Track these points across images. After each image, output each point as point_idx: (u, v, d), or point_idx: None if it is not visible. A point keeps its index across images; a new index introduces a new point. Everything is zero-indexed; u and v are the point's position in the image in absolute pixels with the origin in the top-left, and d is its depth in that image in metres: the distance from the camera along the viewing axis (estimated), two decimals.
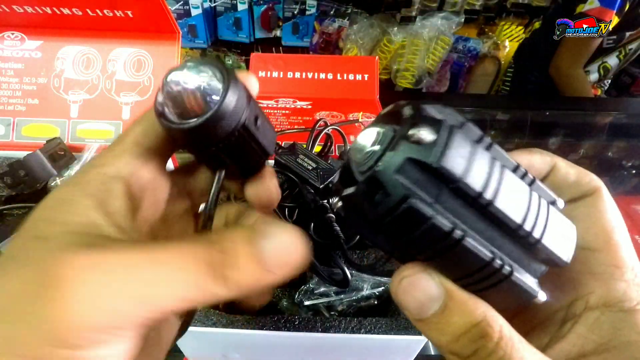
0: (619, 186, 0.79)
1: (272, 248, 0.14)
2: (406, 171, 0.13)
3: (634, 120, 1.01)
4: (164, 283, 0.13)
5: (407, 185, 0.13)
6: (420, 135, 0.13)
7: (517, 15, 1.57)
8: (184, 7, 1.52)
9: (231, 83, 0.18)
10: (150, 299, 0.13)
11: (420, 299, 0.14)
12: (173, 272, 0.13)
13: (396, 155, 0.13)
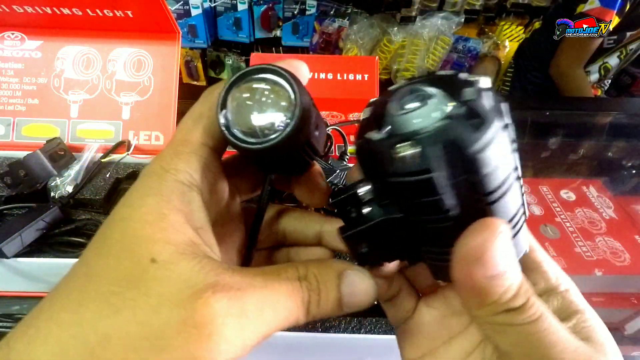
0: (619, 186, 0.79)
1: (353, 295, 0.18)
2: (447, 146, 0.13)
3: (634, 120, 1.01)
4: (274, 322, 0.16)
5: (440, 158, 0.13)
6: (474, 122, 0.14)
7: (517, 15, 1.57)
8: (184, 7, 1.52)
9: (301, 98, 0.17)
10: (262, 337, 0.16)
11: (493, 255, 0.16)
12: (280, 310, 0.16)
13: (447, 129, 0.14)
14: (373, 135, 0.15)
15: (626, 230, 0.63)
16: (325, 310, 0.17)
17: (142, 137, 0.55)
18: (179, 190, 0.16)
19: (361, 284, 0.18)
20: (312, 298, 0.17)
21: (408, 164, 0.14)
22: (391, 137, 0.15)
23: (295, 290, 0.16)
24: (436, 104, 0.15)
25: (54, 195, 0.47)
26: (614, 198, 0.69)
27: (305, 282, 0.17)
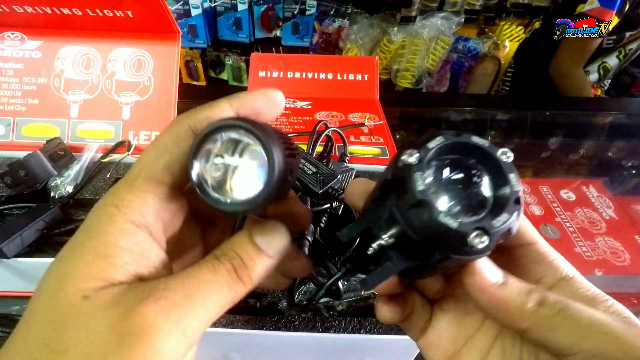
0: (619, 186, 0.79)
1: (270, 243, 0.19)
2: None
3: (634, 120, 1.01)
4: (210, 303, 0.16)
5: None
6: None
7: (517, 15, 1.57)
8: (184, 7, 1.52)
9: (275, 159, 0.17)
10: (205, 320, 0.16)
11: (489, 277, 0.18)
12: (211, 290, 0.17)
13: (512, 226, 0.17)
14: (444, 217, 0.16)
15: (626, 230, 0.63)
16: (255, 267, 0.18)
17: (142, 137, 0.55)
18: (128, 231, 0.16)
19: (271, 230, 0.19)
20: (235, 265, 0.18)
21: (477, 249, 0.16)
22: (465, 222, 0.16)
23: (216, 267, 0.17)
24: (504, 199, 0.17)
25: (54, 195, 0.47)
26: (614, 198, 0.69)
27: (224, 256, 0.18)
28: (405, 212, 0.16)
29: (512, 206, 0.16)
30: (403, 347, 0.37)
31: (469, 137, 0.17)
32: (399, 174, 0.16)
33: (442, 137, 0.17)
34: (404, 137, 0.89)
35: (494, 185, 0.17)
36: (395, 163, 0.17)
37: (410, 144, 0.17)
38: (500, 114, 1.02)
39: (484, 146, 0.17)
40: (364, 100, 0.72)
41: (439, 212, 0.15)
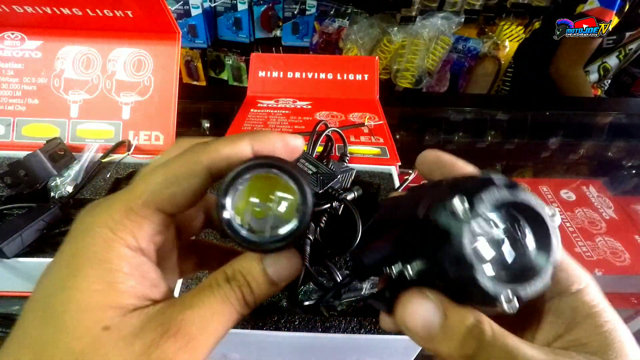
0: (619, 186, 0.79)
1: (280, 272, 0.19)
2: None
3: (634, 120, 1.01)
4: (221, 331, 0.17)
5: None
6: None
7: (517, 15, 1.57)
8: (184, 7, 1.52)
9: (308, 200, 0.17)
10: (215, 345, 0.17)
11: (425, 318, 0.17)
12: (224, 323, 0.18)
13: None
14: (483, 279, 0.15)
15: (626, 230, 0.63)
16: (262, 294, 0.19)
17: (142, 137, 0.55)
18: (128, 256, 0.17)
19: (283, 259, 0.19)
20: (244, 292, 0.18)
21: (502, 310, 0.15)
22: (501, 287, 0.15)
23: (227, 295, 0.18)
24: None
25: (54, 195, 0.47)
26: (614, 198, 0.69)
27: (234, 281, 0.18)
28: (443, 262, 0.16)
29: (548, 271, 0.16)
30: (403, 347, 0.37)
31: (524, 193, 0.16)
32: (443, 223, 0.15)
33: (494, 188, 0.16)
34: (404, 137, 0.89)
35: (536, 246, 0.17)
36: (436, 203, 0.16)
37: (459, 187, 0.16)
38: (500, 114, 1.02)
39: (535, 206, 0.16)
40: (364, 100, 0.72)
41: (480, 272, 0.15)
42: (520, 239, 0.17)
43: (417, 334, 0.17)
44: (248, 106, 0.69)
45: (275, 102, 0.71)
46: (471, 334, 0.16)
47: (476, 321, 0.16)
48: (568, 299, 0.18)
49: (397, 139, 0.80)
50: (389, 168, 0.54)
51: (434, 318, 0.16)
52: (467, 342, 0.16)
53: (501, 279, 0.16)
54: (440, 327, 0.16)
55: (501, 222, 0.17)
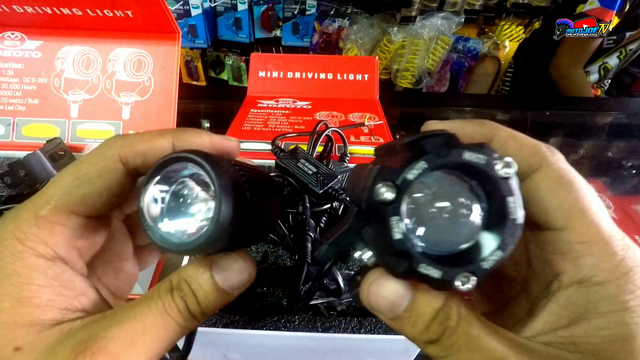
0: (619, 186, 0.79)
1: (229, 279, 0.17)
2: None
3: (634, 120, 1.01)
4: (157, 347, 0.15)
5: None
6: None
7: (517, 15, 1.57)
8: (184, 7, 1.52)
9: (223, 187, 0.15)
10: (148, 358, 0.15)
11: (389, 299, 0.15)
12: (157, 333, 0.16)
13: None
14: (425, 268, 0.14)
15: (626, 230, 0.63)
16: (210, 304, 0.17)
17: None
18: (40, 266, 0.15)
19: (233, 265, 0.17)
20: (189, 302, 0.16)
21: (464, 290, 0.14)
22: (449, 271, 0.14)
23: (167, 308, 0.16)
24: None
25: None
26: (614, 198, 0.69)
27: (178, 291, 0.16)
28: (385, 255, 0.15)
29: (506, 239, 0.14)
30: (403, 347, 0.37)
31: (459, 152, 0.14)
32: (374, 211, 0.14)
33: (424, 161, 0.14)
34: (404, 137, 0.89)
35: (490, 211, 0.15)
36: (367, 187, 0.14)
37: (386, 169, 0.14)
38: (500, 114, 1.02)
39: (477, 163, 0.14)
40: (364, 100, 0.72)
41: (418, 262, 0.14)
42: (465, 208, 0.15)
43: (382, 313, 0.16)
44: (248, 106, 0.69)
45: (275, 102, 0.71)
46: (437, 319, 0.15)
47: (444, 305, 0.15)
48: (586, 290, 0.15)
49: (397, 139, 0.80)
50: None
51: (400, 299, 0.15)
52: (432, 326, 0.15)
53: (452, 258, 0.15)
54: (406, 309, 0.15)
55: (440, 194, 0.15)
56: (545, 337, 0.15)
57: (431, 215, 0.15)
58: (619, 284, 0.14)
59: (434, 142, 0.14)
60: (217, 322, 0.35)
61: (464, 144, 0.14)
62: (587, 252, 0.15)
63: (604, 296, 0.14)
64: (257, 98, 0.72)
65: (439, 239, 0.15)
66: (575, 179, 0.16)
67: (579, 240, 0.15)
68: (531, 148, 0.17)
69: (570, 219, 0.15)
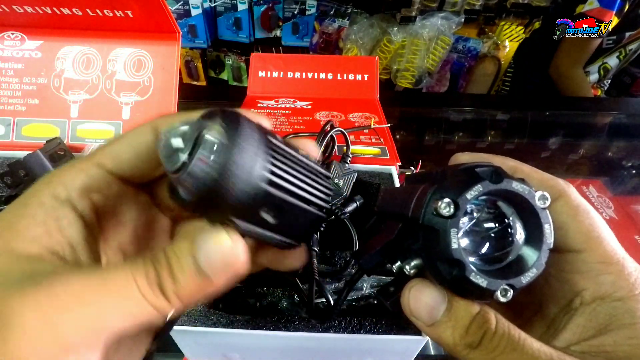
0: (619, 186, 0.79)
1: (208, 255, 0.15)
2: None
3: (634, 120, 1.01)
4: (108, 306, 0.14)
5: None
6: None
7: (517, 15, 1.57)
8: (184, 7, 1.52)
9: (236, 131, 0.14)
10: (97, 324, 0.13)
11: (429, 304, 0.17)
12: (114, 294, 0.14)
13: None
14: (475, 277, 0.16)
15: (626, 230, 0.63)
16: (187, 285, 0.14)
17: None
18: (48, 205, 0.16)
19: (220, 243, 0.15)
20: (162, 275, 0.14)
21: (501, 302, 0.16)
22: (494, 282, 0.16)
23: (134, 272, 0.14)
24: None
25: None
26: (614, 198, 0.69)
27: (152, 259, 0.15)
28: (435, 262, 0.16)
29: (542, 259, 0.16)
30: (403, 347, 0.37)
31: (509, 182, 0.16)
32: (431, 223, 0.16)
33: (480, 185, 0.16)
34: (404, 137, 0.89)
35: (528, 234, 0.17)
36: (424, 203, 0.16)
37: (444, 188, 0.16)
38: (500, 114, 1.02)
39: (523, 193, 0.16)
40: (364, 100, 0.72)
41: (470, 271, 0.15)
42: (511, 229, 0.17)
43: (421, 318, 0.17)
44: (248, 106, 0.69)
45: (275, 102, 0.71)
46: (476, 322, 0.16)
47: (482, 310, 0.16)
48: (608, 305, 0.17)
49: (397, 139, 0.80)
50: (388, 168, 0.54)
51: (438, 305, 0.17)
52: (471, 330, 0.16)
53: (494, 272, 0.16)
54: (445, 314, 0.16)
55: (492, 215, 0.17)
56: (577, 347, 0.17)
57: (482, 232, 0.17)
58: (638, 299, 0.16)
59: (487, 171, 0.16)
60: (217, 322, 0.35)
61: (510, 176, 0.16)
62: (606, 271, 0.17)
63: (626, 310, 0.16)
64: (257, 98, 0.72)
65: (487, 253, 0.17)
66: (590, 208, 0.19)
67: (598, 260, 0.17)
68: (551, 181, 0.20)
69: (589, 242, 0.18)
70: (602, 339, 0.16)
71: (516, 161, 0.21)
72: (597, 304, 0.17)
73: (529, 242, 0.17)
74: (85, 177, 0.16)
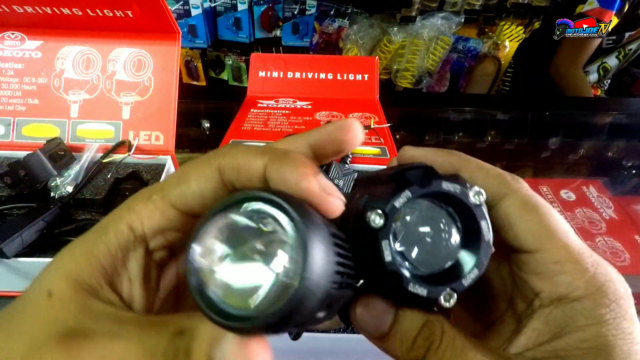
0: (619, 186, 0.79)
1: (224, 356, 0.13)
2: None
3: (634, 120, 1.01)
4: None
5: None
6: None
7: (517, 16, 1.57)
8: (184, 7, 1.52)
9: (304, 224, 0.12)
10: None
11: (376, 315, 0.16)
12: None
13: None
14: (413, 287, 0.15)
15: (626, 230, 0.63)
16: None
17: (142, 137, 0.55)
18: (122, 238, 0.16)
19: (245, 350, 0.13)
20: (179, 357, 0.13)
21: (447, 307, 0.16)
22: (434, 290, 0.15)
23: (156, 348, 0.13)
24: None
25: (54, 195, 0.47)
26: (614, 198, 0.69)
27: (177, 336, 0.13)
28: (374, 275, 0.16)
29: (482, 259, 0.16)
30: None
31: (439, 183, 0.15)
32: (365, 236, 0.15)
33: (408, 190, 0.15)
34: (404, 137, 0.89)
35: (467, 234, 0.16)
36: (360, 217, 0.16)
37: (374, 198, 0.16)
38: (500, 114, 1.02)
39: (455, 193, 0.16)
40: (364, 100, 0.72)
41: (407, 281, 0.15)
42: (447, 232, 0.16)
43: (368, 333, 0.17)
44: (248, 106, 0.69)
45: (275, 102, 0.71)
46: (422, 335, 0.16)
47: (427, 321, 0.16)
48: (565, 306, 0.16)
49: (397, 139, 0.80)
50: None
51: (384, 317, 0.16)
52: (417, 343, 0.16)
53: (436, 277, 0.16)
54: (391, 328, 0.16)
55: (428, 219, 0.17)
56: (531, 353, 0.16)
57: (416, 238, 0.16)
58: (594, 298, 0.15)
59: (416, 174, 0.16)
60: None
61: (441, 175, 0.16)
62: (560, 271, 0.16)
63: (581, 311, 0.16)
64: (257, 98, 0.72)
65: (424, 260, 0.16)
66: (540, 203, 0.17)
67: (552, 260, 0.16)
68: (497, 177, 0.18)
69: (541, 242, 0.17)
70: (555, 344, 0.16)
71: (462, 156, 0.19)
72: (554, 306, 0.16)
73: (468, 243, 0.16)
74: (161, 216, 0.16)
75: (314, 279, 0.11)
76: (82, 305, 0.14)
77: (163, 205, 0.16)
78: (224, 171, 0.16)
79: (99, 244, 0.15)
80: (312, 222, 0.12)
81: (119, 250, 0.16)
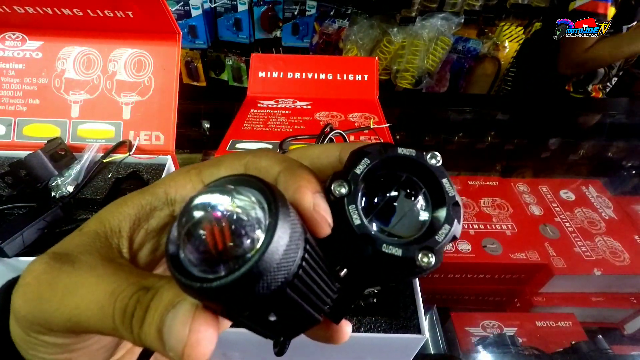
0: (618, 186, 0.80)
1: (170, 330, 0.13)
2: None
3: (634, 120, 1.02)
4: (84, 307, 0.14)
5: None
6: None
7: (517, 16, 1.57)
8: (184, 7, 1.52)
9: (280, 213, 0.12)
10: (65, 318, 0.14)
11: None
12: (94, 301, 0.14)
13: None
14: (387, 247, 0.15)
15: (625, 230, 0.63)
16: (145, 333, 0.13)
17: (143, 137, 0.55)
18: (134, 209, 0.18)
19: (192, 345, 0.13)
20: (130, 307, 0.14)
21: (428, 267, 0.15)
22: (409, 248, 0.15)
23: (120, 289, 0.14)
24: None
25: (54, 195, 0.47)
26: (614, 198, 0.69)
27: (143, 291, 0.14)
28: (350, 247, 0.15)
29: (451, 213, 0.16)
30: (403, 346, 0.37)
31: (394, 149, 0.16)
32: (337, 215, 0.15)
33: (367, 158, 0.16)
34: (404, 137, 0.89)
35: (430, 194, 0.17)
36: (328, 192, 0.16)
37: (337, 173, 0.16)
38: (500, 114, 1.02)
39: (412, 156, 0.16)
40: (364, 101, 0.72)
41: (381, 242, 0.15)
42: (411, 191, 0.17)
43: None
44: (248, 106, 0.69)
45: (275, 102, 0.71)
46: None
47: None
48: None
49: (397, 139, 0.80)
50: None
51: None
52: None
53: (411, 242, 0.16)
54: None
55: (387, 184, 0.17)
56: None
57: (385, 207, 0.17)
58: None
59: (374, 147, 0.16)
60: None
61: (396, 144, 0.17)
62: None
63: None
64: (257, 98, 0.72)
65: (398, 227, 0.16)
66: None
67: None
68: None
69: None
70: None
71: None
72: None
73: (435, 203, 0.17)
74: (192, 188, 0.18)
75: (273, 261, 0.12)
76: (91, 240, 0.17)
77: (196, 180, 0.18)
78: (249, 168, 0.18)
79: (135, 198, 0.18)
80: (288, 216, 0.13)
81: (149, 205, 0.18)
